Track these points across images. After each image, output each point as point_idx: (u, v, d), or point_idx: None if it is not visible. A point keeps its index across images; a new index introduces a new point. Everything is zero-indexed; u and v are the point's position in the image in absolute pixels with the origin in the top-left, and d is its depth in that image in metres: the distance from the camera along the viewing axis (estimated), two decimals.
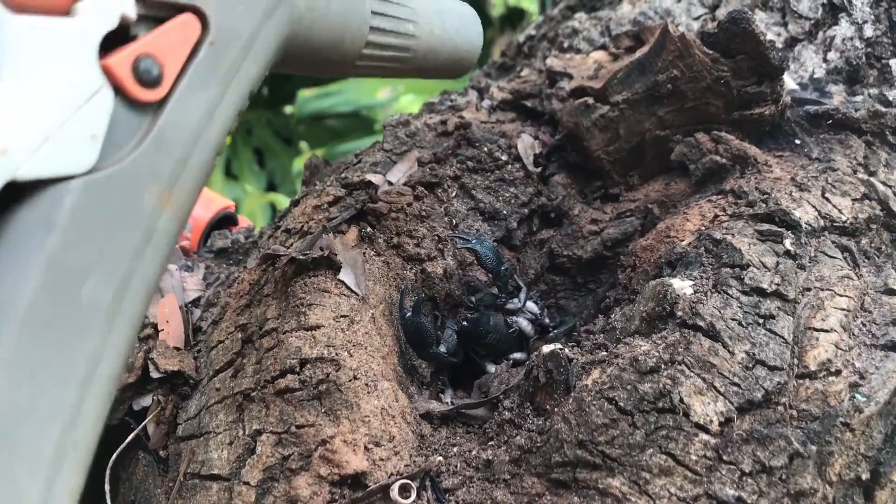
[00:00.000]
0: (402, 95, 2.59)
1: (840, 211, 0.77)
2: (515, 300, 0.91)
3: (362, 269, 0.81)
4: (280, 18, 0.45)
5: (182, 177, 0.42)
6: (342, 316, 0.77)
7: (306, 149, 2.88)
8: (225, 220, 1.29)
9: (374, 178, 0.91)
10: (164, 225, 0.42)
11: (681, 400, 0.60)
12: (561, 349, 0.68)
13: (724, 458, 0.58)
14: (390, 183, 0.93)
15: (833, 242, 0.74)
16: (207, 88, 0.43)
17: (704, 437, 0.59)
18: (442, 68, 0.62)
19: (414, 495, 0.64)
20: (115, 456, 0.74)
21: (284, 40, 0.46)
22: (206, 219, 1.25)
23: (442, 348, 0.83)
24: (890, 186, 0.81)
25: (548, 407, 0.67)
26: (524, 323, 0.90)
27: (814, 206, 0.77)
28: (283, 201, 2.42)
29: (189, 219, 1.26)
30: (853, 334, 0.66)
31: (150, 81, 0.40)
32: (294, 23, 0.46)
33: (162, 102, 0.41)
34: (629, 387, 0.61)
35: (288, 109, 3.00)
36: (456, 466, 0.68)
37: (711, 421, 0.59)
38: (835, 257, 0.72)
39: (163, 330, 0.88)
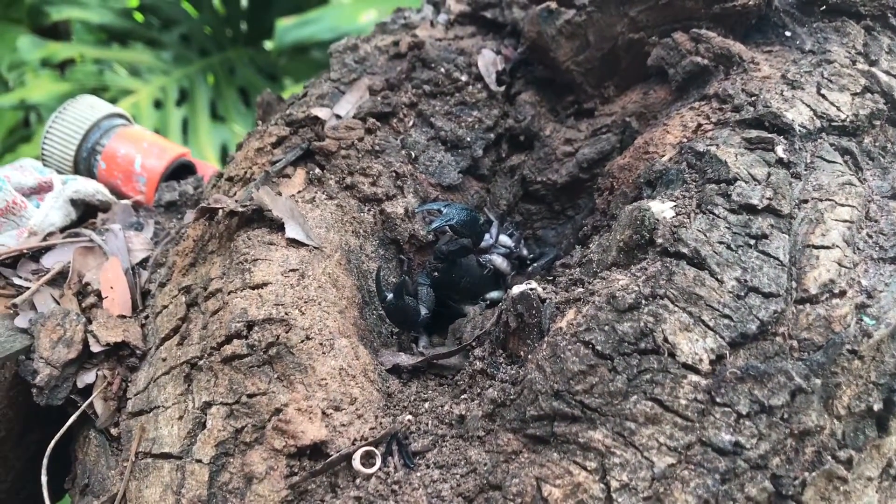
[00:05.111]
0: None
1: (838, 108, 0.69)
2: (486, 236, 0.83)
3: (302, 217, 0.73)
4: None
5: None
6: (291, 270, 0.70)
7: (291, 84, 2.77)
8: (182, 170, 1.20)
9: (321, 113, 0.82)
10: None
11: (665, 339, 0.53)
12: (532, 289, 0.62)
13: (718, 400, 0.52)
14: (339, 117, 0.84)
15: (832, 145, 0.66)
16: None
17: (694, 378, 0.52)
18: None
19: (379, 462, 0.59)
20: (53, 441, 0.68)
21: None
22: (160, 169, 1.16)
23: (423, 310, 0.76)
24: (894, 76, 0.72)
25: (521, 353, 0.61)
26: (498, 260, 0.83)
27: (808, 106, 0.69)
28: None
29: (142, 171, 1.17)
30: (858, 248, 0.59)
31: None
32: None
33: None
34: (607, 327, 0.55)
35: (269, 45, 2.88)
36: (427, 425, 0.63)
37: (701, 360, 0.53)
38: (834, 162, 0.65)
39: (107, 297, 0.81)
